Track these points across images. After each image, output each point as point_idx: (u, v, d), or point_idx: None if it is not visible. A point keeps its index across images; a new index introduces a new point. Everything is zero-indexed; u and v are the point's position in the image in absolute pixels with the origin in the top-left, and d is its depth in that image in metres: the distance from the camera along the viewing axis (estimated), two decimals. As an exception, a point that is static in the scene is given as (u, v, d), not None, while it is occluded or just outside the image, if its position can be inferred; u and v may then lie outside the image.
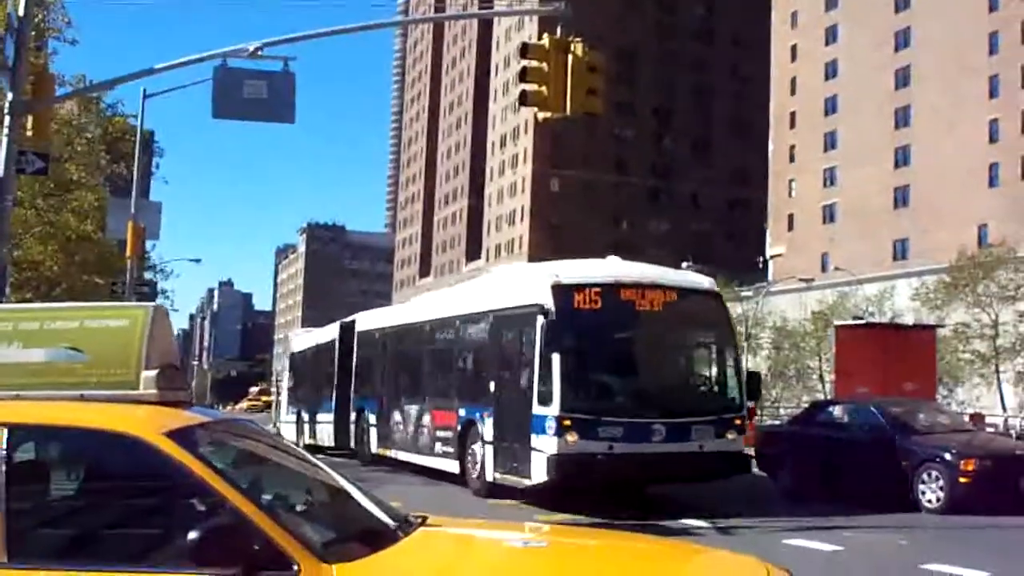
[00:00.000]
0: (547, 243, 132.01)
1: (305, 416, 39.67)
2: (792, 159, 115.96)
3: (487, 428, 21.94)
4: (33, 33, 25.28)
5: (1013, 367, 64.01)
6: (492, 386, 22.17)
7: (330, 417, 34.96)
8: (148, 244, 47.87)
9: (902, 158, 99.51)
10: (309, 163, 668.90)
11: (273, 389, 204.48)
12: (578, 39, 20.30)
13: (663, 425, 19.70)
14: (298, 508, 6.47)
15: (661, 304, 20.61)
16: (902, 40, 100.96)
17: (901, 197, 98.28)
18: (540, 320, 19.73)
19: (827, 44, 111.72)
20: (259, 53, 21.36)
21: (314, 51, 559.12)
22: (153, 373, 6.43)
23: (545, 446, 19.32)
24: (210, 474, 5.57)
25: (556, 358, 19.33)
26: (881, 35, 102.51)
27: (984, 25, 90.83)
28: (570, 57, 20.13)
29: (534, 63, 20.39)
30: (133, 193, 38.74)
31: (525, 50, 20.91)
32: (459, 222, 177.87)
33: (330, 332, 37.64)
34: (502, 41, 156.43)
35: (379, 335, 32.00)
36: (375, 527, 6.25)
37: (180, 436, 5.83)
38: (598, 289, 20.19)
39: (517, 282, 22.90)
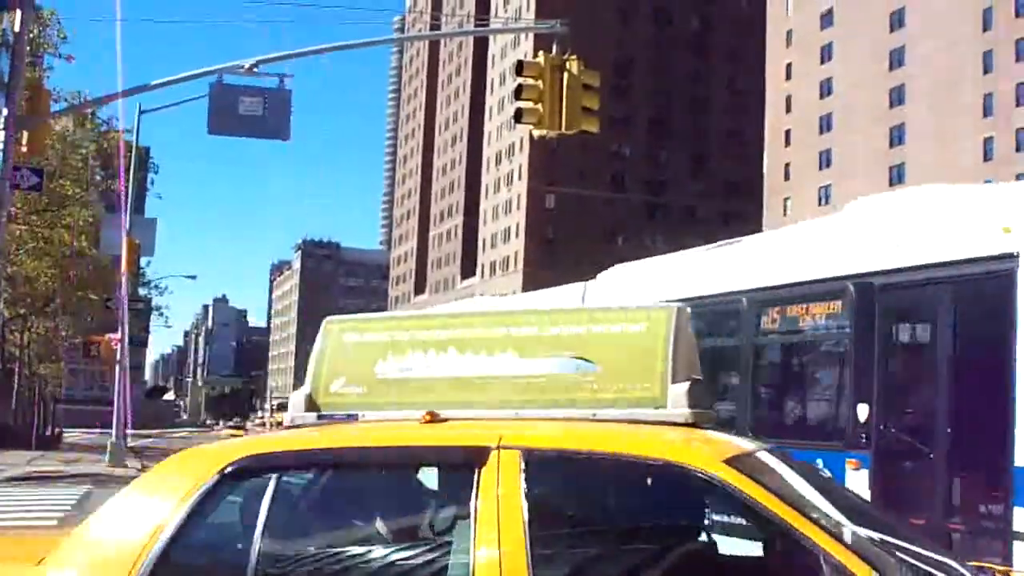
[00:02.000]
0: (542, 260, 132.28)
1: None
2: (787, 176, 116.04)
3: None
4: (28, 48, 25.27)
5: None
6: None
7: None
8: (143, 260, 47.70)
9: (896, 176, 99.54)
10: (305, 180, 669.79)
11: (267, 406, 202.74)
12: (573, 56, 20.28)
13: None
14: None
15: None
16: (897, 58, 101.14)
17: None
18: None
19: (822, 62, 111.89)
20: (255, 70, 21.34)
21: (310, 68, 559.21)
22: (683, 388, 5.31)
23: None
24: (799, 517, 4.46)
25: None
26: (876, 53, 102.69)
27: (978, 44, 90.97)
28: (566, 75, 20.10)
29: (530, 81, 20.37)
30: (127, 209, 38.61)
31: (521, 68, 20.88)
32: (454, 239, 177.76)
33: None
34: (498, 58, 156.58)
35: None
36: None
37: (744, 466, 4.75)
38: None
39: None
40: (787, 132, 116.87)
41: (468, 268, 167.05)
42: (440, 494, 5.20)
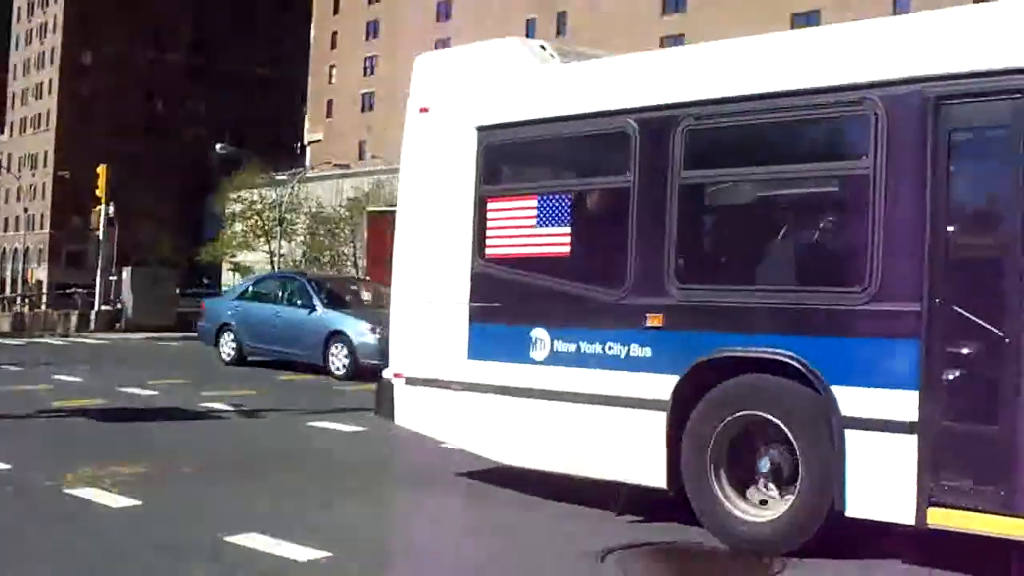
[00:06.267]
0: (77, 118, 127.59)
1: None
2: (334, 45, 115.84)
3: None
4: None
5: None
6: None
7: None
8: None
9: (443, 46, 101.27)
10: None
11: None
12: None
13: None
14: None
15: None
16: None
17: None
18: None
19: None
20: None
21: None
22: None
23: None
24: None
25: None
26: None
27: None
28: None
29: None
30: None
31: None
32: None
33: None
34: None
35: None
36: None
37: None
38: None
39: None
40: (336, 0, 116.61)
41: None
42: None
